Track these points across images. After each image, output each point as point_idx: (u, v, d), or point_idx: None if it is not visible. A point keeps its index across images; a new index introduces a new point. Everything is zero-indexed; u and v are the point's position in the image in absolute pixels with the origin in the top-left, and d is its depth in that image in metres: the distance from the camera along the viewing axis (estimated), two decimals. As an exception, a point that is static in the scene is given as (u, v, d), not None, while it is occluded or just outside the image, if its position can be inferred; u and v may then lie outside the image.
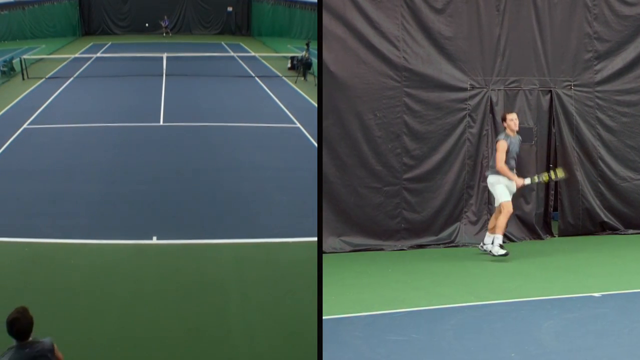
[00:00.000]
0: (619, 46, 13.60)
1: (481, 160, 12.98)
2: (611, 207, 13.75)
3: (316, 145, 17.11)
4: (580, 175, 13.44)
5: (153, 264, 10.35)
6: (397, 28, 12.61)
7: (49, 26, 47.59)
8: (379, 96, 12.52)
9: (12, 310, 5.36)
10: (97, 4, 51.17)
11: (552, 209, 13.62)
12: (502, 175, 11.79)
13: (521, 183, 11.85)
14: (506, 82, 13.12)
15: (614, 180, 13.71)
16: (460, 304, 9.64)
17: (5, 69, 29.83)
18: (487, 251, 11.93)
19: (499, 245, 11.74)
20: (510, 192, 11.87)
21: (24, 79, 28.46)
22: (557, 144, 13.33)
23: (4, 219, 12.15)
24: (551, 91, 13.34)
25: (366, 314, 9.23)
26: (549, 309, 9.49)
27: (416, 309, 9.44)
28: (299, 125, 20.02)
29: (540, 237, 13.28)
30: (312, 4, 40.85)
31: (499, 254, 11.70)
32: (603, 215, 13.70)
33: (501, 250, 11.71)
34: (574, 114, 13.42)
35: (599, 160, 13.62)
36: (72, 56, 36.14)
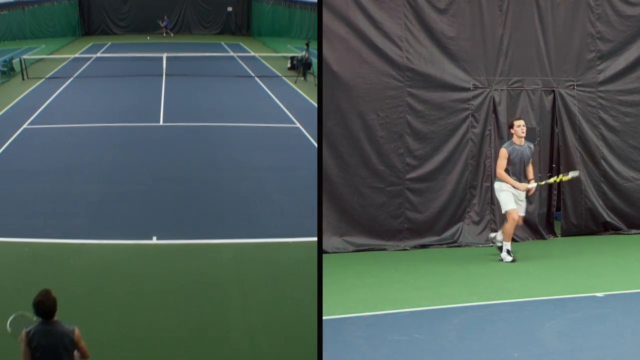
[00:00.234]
0: (622, 46, 13.61)
1: (484, 160, 12.98)
2: (614, 207, 13.75)
3: (316, 145, 17.13)
4: (583, 175, 13.43)
5: (153, 264, 10.34)
6: (400, 28, 12.60)
7: (49, 26, 47.66)
8: (381, 96, 12.53)
9: (37, 294, 5.84)
10: (97, 4, 51.25)
11: (554, 209, 13.62)
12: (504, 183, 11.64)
13: (524, 188, 11.62)
14: (509, 82, 13.11)
15: (617, 180, 13.71)
16: (463, 304, 9.63)
17: (5, 69, 29.83)
18: (493, 240, 11.92)
19: (506, 252, 11.64)
20: (518, 198, 11.66)
21: (23, 79, 28.46)
22: (560, 144, 13.32)
23: (4, 219, 12.14)
24: (554, 91, 13.34)
25: (369, 314, 9.22)
26: (552, 309, 9.49)
27: (419, 309, 9.43)
28: (298, 125, 20.02)
29: (543, 237, 13.28)
30: (312, 4, 40.86)
31: (506, 260, 11.59)
32: (606, 215, 13.70)
33: (508, 257, 11.62)
34: (577, 114, 13.43)
35: (602, 160, 13.62)
36: (72, 56, 36.19)
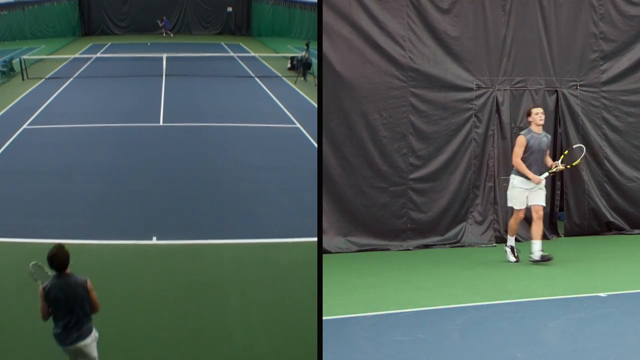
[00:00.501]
0: (625, 46, 13.61)
1: (487, 160, 12.99)
2: (617, 207, 13.76)
3: (316, 145, 17.13)
4: (586, 175, 13.45)
5: (153, 264, 10.30)
6: (403, 28, 12.61)
7: (49, 26, 47.61)
8: (384, 96, 12.53)
9: (52, 248, 6.47)
10: (97, 5, 51.19)
11: (558, 209, 13.62)
12: (519, 176, 11.45)
13: (537, 181, 11.36)
14: (512, 82, 13.12)
15: (620, 180, 13.72)
16: (465, 304, 9.63)
17: (5, 69, 29.76)
18: (534, 260, 11.47)
19: (510, 248, 11.64)
20: (533, 189, 11.40)
21: (23, 79, 28.38)
22: (563, 144, 13.31)
23: (3, 219, 12.09)
24: (557, 91, 13.35)
25: (372, 314, 9.21)
26: (555, 309, 9.48)
27: (422, 309, 9.43)
28: (298, 125, 20.00)
29: (546, 237, 13.20)
30: (312, 4, 40.82)
31: (509, 259, 11.60)
32: (609, 215, 13.71)
33: (512, 256, 11.60)
34: (580, 114, 13.43)
35: (605, 160, 13.62)
36: (72, 56, 36.11)
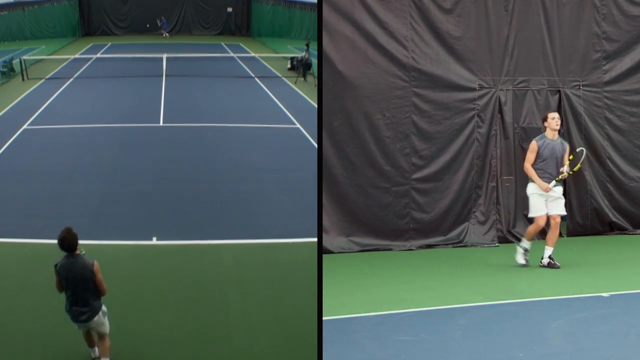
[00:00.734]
0: (628, 46, 13.63)
1: (490, 160, 13.00)
2: (620, 207, 13.76)
3: (316, 145, 17.12)
4: (588, 175, 13.45)
5: (153, 264, 10.29)
6: (406, 28, 12.62)
7: (49, 27, 47.56)
8: (387, 96, 12.54)
9: (61, 231, 6.95)
10: (97, 5, 51.13)
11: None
12: (534, 182, 11.29)
13: (545, 187, 11.19)
14: (515, 82, 13.13)
15: (623, 180, 13.72)
16: (468, 304, 9.62)
17: (5, 69, 29.68)
18: (545, 265, 11.40)
19: (523, 250, 11.42)
20: (553, 195, 11.25)
21: (23, 79, 28.32)
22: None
23: (4, 219, 12.06)
24: (560, 91, 13.35)
25: (375, 314, 9.21)
26: (558, 309, 9.48)
27: (425, 309, 9.43)
28: (298, 125, 19.97)
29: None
30: (312, 4, 40.76)
31: (519, 262, 11.41)
32: (612, 215, 13.71)
33: (521, 259, 11.43)
34: (583, 114, 13.43)
35: (608, 160, 13.63)
36: (72, 57, 36.05)
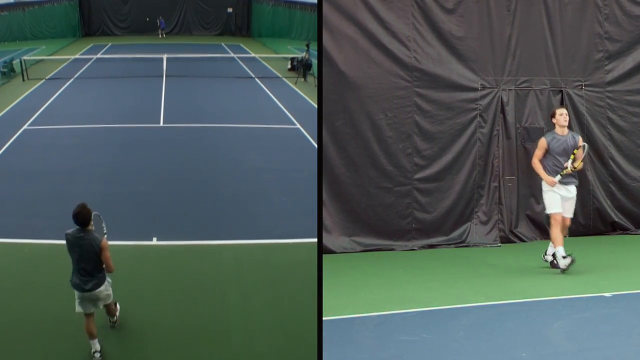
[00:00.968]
0: (630, 46, 13.64)
1: (492, 160, 13.01)
2: (622, 207, 13.77)
3: (316, 145, 17.11)
4: (591, 175, 13.45)
5: (153, 265, 10.27)
6: (408, 28, 12.63)
7: (49, 27, 47.53)
8: (389, 96, 12.55)
9: (76, 206, 7.33)
10: (97, 5, 51.11)
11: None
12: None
13: (551, 181, 11.04)
14: (517, 82, 13.13)
15: (625, 180, 13.73)
16: (471, 304, 9.62)
17: (5, 70, 29.62)
18: (547, 262, 11.33)
19: (562, 257, 10.99)
20: (567, 195, 11.13)
21: (24, 80, 28.26)
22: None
23: (4, 219, 12.01)
24: (562, 91, 13.36)
25: (377, 314, 9.21)
26: (560, 309, 9.48)
27: (427, 309, 9.43)
28: (299, 126, 19.94)
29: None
30: (312, 4, 40.72)
31: (566, 264, 10.91)
32: (614, 216, 13.72)
33: (566, 260, 10.95)
34: (585, 114, 13.44)
35: (610, 160, 13.64)
36: (72, 57, 35.99)
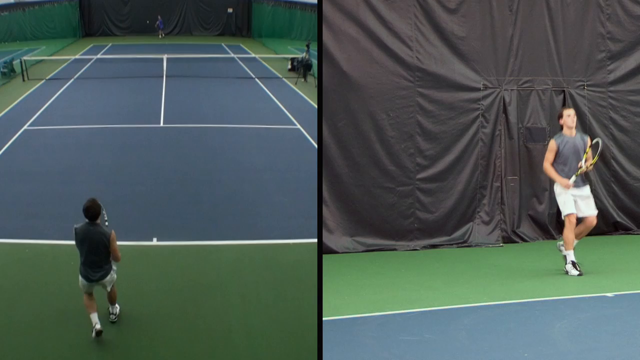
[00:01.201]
0: (632, 46, 13.63)
1: (494, 160, 13.01)
2: (624, 207, 13.76)
3: (316, 146, 17.11)
4: (593, 175, 13.42)
5: (153, 265, 10.27)
6: (410, 28, 12.63)
7: (49, 27, 47.42)
8: (392, 96, 12.55)
9: (87, 200, 7.72)
10: (98, 6, 51.00)
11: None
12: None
13: (565, 183, 10.81)
14: (519, 82, 13.13)
15: (627, 181, 13.73)
16: (473, 304, 9.63)
17: (5, 70, 29.51)
18: (560, 249, 11.11)
19: (571, 263, 10.83)
20: (582, 195, 10.95)
21: (24, 80, 28.17)
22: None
23: (4, 220, 11.99)
24: (564, 91, 13.36)
25: (379, 314, 9.21)
26: (562, 309, 9.47)
27: (429, 309, 9.44)
28: (299, 126, 19.92)
29: (553, 237, 13.25)
30: (312, 5, 40.65)
31: (571, 274, 10.80)
32: (616, 215, 13.71)
33: (574, 270, 10.79)
34: (587, 114, 13.44)
35: (612, 161, 13.64)
36: (73, 57, 35.86)
